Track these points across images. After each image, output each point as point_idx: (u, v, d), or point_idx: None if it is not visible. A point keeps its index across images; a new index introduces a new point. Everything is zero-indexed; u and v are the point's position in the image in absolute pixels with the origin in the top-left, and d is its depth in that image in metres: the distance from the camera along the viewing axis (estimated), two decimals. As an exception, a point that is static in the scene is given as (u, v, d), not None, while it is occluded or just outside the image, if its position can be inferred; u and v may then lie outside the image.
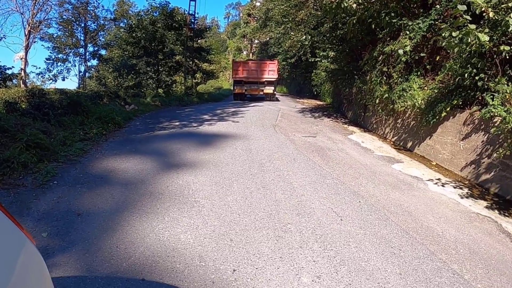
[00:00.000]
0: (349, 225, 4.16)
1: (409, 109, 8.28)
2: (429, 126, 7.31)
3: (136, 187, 5.18)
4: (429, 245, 3.77)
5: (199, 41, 28.60)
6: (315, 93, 21.84)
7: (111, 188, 5.10)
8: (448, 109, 6.66)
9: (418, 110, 7.82)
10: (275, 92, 22.29)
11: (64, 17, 27.56)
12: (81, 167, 5.98)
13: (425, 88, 7.91)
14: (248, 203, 4.68)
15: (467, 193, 5.55)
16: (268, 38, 38.89)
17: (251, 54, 54.33)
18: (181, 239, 3.68)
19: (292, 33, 19.66)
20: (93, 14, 29.55)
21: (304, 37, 17.20)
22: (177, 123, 11.06)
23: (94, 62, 32.23)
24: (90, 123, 8.84)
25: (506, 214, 4.77)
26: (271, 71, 21.24)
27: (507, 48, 4.99)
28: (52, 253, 3.33)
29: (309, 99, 23.99)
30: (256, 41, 50.31)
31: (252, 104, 18.38)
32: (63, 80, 30.46)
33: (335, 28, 12.63)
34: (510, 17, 4.69)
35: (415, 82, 8.07)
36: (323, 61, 14.60)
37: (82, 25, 29.35)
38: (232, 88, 25.10)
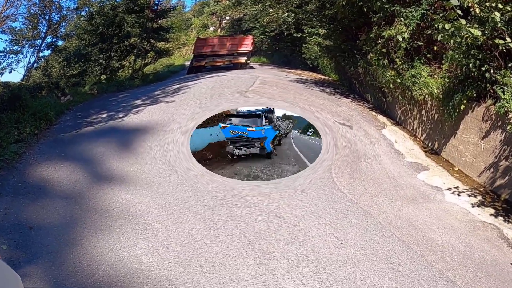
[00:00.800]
0: (349, 247, 4.51)
1: (429, 98, 8.71)
2: (452, 120, 7.71)
3: (76, 201, 5.47)
4: (427, 255, 4.21)
5: (159, 21, 28.65)
6: (311, 65, 21.83)
7: (52, 201, 5.38)
8: (465, 101, 7.11)
9: (436, 100, 8.23)
10: (248, 62, 22.12)
11: (31, 11, 27.66)
12: (19, 175, 6.16)
13: (435, 76, 8.38)
14: (214, 233, 4.85)
15: (479, 201, 6.05)
16: (242, 15, 39.01)
17: (219, 30, 54.20)
18: (143, 261, 3.94)
19: (271, 10, 19.89)
20: (58, 5, 29.60)
21: (286, 14, 17.42)
22: (104, 115, 10.90)
23: (47, 52, 32.15)
24: (25, 120, 8.79)
25: (511, 220, 5.28)
26: (244, 44, 21.45)
27: (501, 42, 5.50)
28: (18, 264, 3.63)
29: (305, 71, 23.59)
30: (228, 17, 50.31)
31: (207, 76, 17.66)
32: (10, 72, 30.07)
33: (322, 8, 12.91)
34: (495, 14, 5.20)
35: (423, 70, 8.54)
36: (313, 37, 14.85)
37: (47, 17, 29.36)
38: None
